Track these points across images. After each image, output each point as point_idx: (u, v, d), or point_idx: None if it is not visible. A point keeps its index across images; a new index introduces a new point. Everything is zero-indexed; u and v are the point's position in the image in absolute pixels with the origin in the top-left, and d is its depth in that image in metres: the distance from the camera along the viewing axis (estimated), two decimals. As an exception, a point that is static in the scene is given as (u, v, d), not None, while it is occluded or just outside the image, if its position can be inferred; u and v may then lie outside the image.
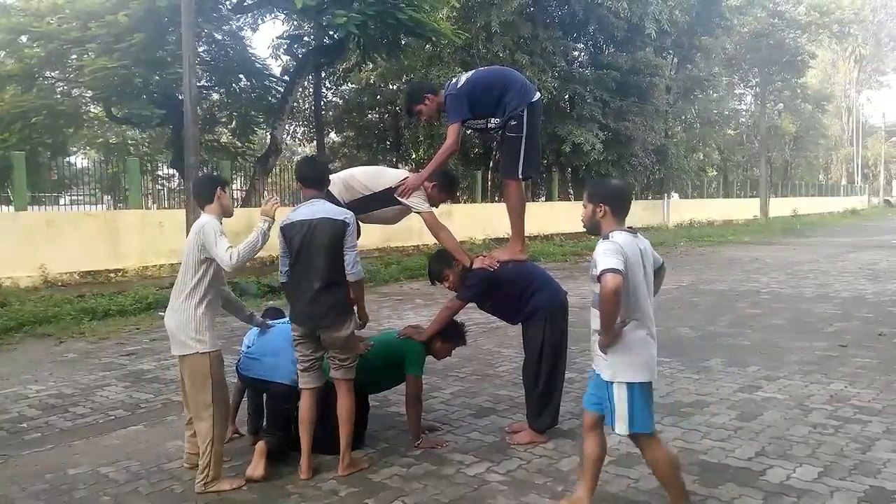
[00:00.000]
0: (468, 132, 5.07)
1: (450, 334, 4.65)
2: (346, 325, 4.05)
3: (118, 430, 5.00)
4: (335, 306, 4.01)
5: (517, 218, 4.83)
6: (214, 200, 4.05)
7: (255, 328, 4.65)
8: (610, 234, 3.29)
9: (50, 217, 13.37)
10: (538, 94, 4.81)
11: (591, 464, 3.45)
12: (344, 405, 4.11)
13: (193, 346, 3.83)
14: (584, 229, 3.54)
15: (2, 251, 11.82)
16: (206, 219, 3.95)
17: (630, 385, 3.24)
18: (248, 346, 4.52)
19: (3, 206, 16.61)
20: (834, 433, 4.65)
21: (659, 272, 3.60)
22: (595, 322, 3.32)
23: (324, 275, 3.99)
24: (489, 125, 4.77)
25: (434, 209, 4.69)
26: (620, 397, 3.25)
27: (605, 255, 3.16)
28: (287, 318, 4.59)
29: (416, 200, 4.58)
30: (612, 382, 3.26)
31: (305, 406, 4.10)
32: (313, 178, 4.23)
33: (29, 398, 5.84)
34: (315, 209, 4.09)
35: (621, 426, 3.27)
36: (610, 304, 3.10)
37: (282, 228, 4.10)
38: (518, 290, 4.56)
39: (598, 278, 3.12)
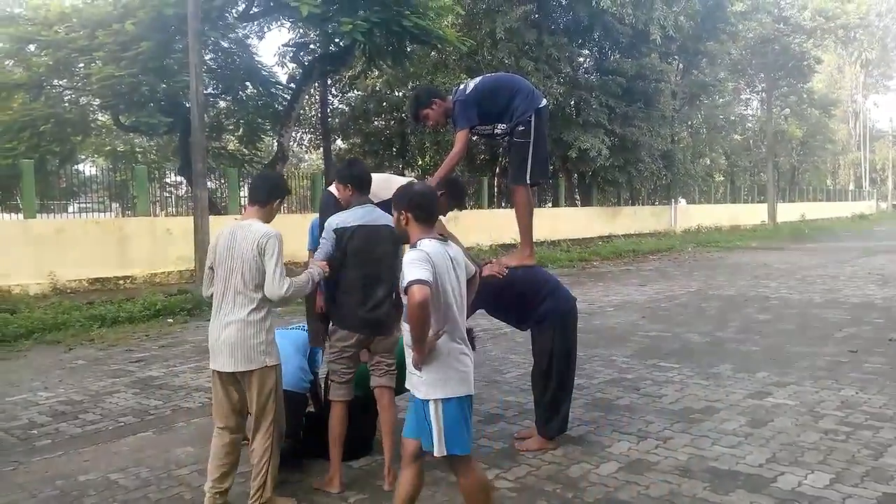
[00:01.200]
0: (475, 138, 5.08)
1: None
2: (398, 330, 4.10)
3: (128, 436, 5.01)
4: (392, 315, 4.06)
5: (525, 223, 4.83)
6: (267, 206, 3.80)
7: None
8: (418, 243, 3.13)
9: (59, 224, 13.44)
10: (545, 101, 4.83)
11: (406, 499, 3.17)
12: (388, 417, 4.09)
13: (262, 360, 3.62)
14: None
15: (11, 259, 11.88)
16: (269, 230, 3.66)
17: (446, 401, 3.04)
18: None
19: (13, 214, 16.70)
20: (845, 439, 4.63)
21: (472, 281, 3.40)
22: (408, 337, 3.11)
23: (387, 282, 4.03)
24: (496, 131, 4.78)
25: (442, 217, 4.68)
26: (436, 415, 3.04)
27: (411, 265, 2.98)
28: (300, 326, 4.60)
29: None
30: (427, 400, 3.05)
31: (337, 418, 4.03)
32: (367, 180, 4.16)
33: (39, 405, 5.86)
34: (375, 215, 4.06)
35: (439, 447, 3.03)
36: (417, 317, 2.91)
37: (335, 231, 3.99)
38: (527, 297, 4.56)
39: (406, 290, 2.96)
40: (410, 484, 3.18)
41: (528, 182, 4.76)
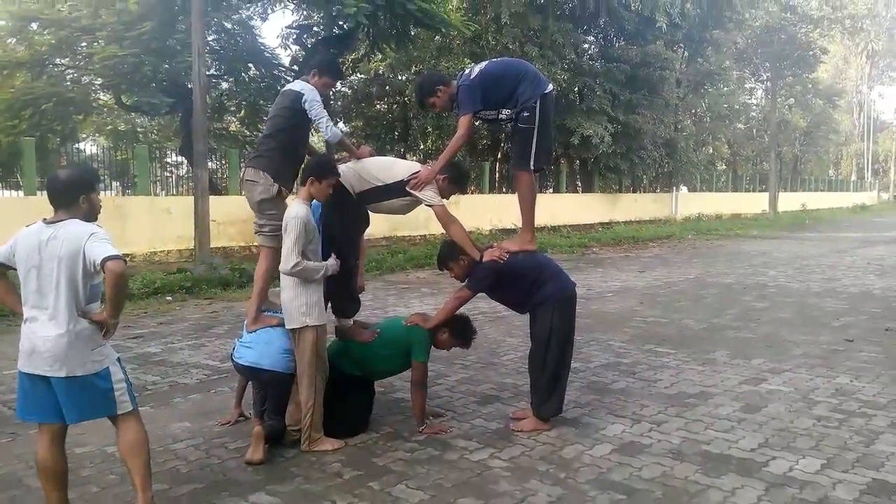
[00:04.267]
0: (478, 123, 5.07)
1: (457, 332, 4.63)
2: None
3: (125, 412, 5.03)
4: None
5: (527, 209, 4.83)
6: (307, 186, 4.25)
7: None
8: None
9: (59, 203, 13.42)
10: (551, 86, 4.79)
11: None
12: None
13: (303, 321, 4.18)
14: None
15: (11, 235, 11.87)
16: (295, 212, 4.15)
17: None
18: (240, 337, 4.51)
19: (13, 192, 16.71)
20: (838, 426, 4.65)
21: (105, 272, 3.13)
22: None
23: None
24: (500, 116, 4.77)
25: (445, 201, 4.69)
26: None
27: None
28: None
29: (429, 194, 4.57)
30: None
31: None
32: None
33: (37, 380, 5.89)
34: None
35: None
36: None
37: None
38: (527, 281, 4.57)
39: None
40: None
41: (532, 168, 4.76)
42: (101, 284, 3.28)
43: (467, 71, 4.85)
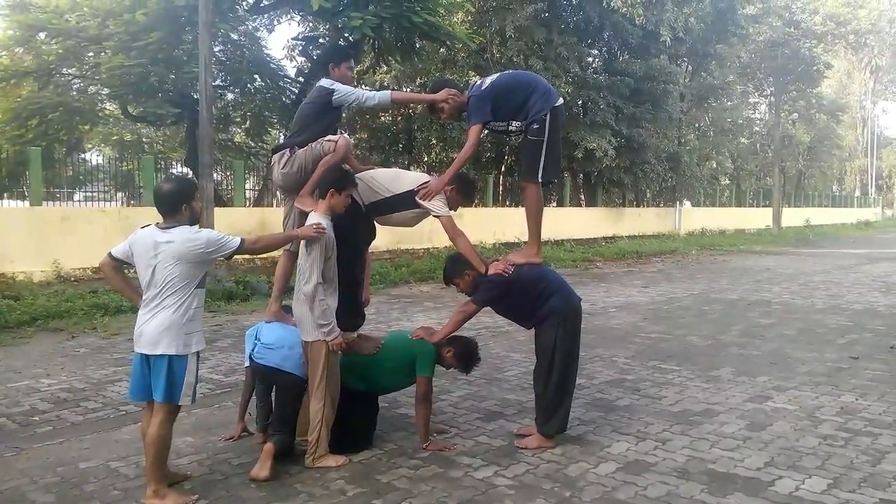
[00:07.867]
0: (484, 133, 5.09)
1: (461, 355, 4.61)
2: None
3: (129, 425, 5.02)
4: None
5: (534, 221, 4.83)
6: (326, 198, 4.31)
7: (261, 325, 4.63)
8: None
9: (64, 212, 13.48)
10: (561, 100, 4.81)
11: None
12: None
13: (315, 335, 4.19)
14: None
15: (16, 245, 11.93)
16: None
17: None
18: (257, 339, 4.46)
19: (19, 201, 16.77)
20: (844, 445, 4.63)
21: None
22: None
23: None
24: (510, 128, 4.79)
25: (452, 212, 4.70)
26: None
27: None
28: None
29: (437, 204, 4.58)
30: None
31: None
32: None
33: (41, 392, 5.89)
34: None
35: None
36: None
37: None
38: (532, 294, 4.56)
39: None
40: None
41: (540, 180, 4.76)
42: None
43: (479, 82, 4.88)
